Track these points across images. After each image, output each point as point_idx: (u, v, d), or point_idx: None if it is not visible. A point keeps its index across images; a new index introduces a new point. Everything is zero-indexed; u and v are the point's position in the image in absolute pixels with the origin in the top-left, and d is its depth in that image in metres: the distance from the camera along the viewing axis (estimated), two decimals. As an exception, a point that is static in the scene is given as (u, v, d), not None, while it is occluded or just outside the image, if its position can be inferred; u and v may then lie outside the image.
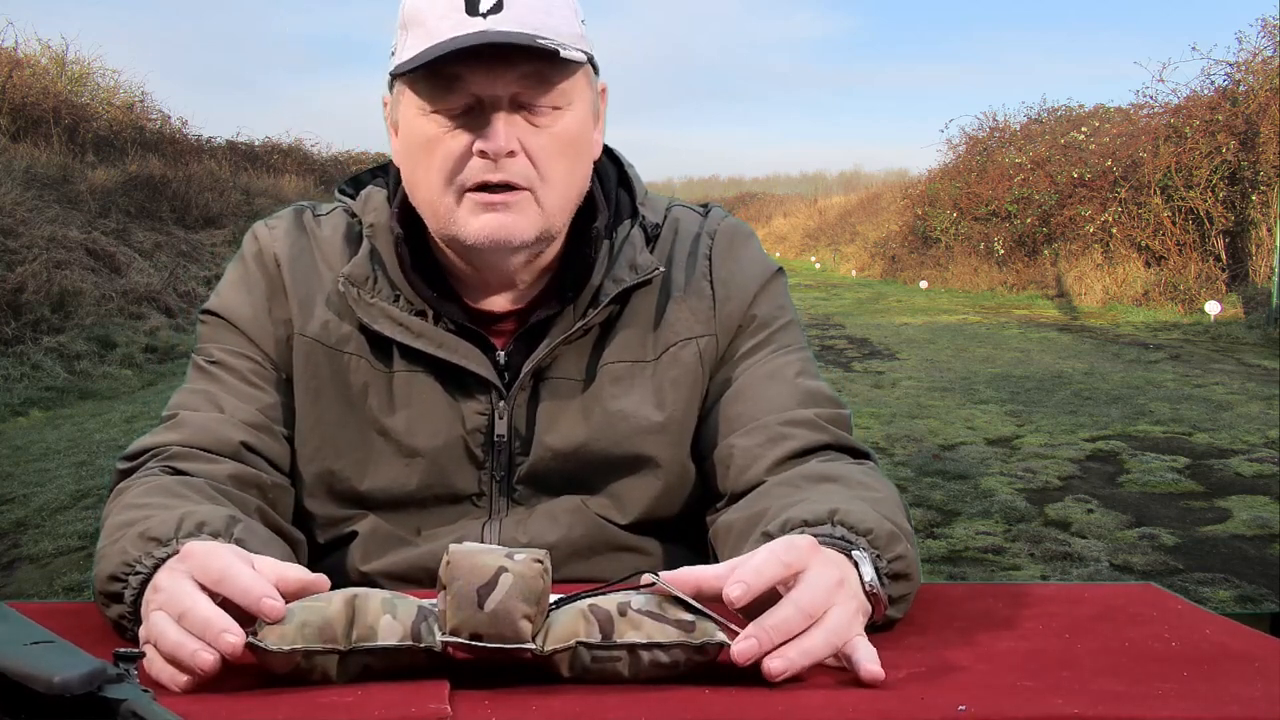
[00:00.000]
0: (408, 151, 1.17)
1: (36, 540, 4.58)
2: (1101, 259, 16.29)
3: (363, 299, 1.20)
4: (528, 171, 1.13)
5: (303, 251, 1.25)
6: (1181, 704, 0.81)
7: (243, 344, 1.24)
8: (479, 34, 1.08)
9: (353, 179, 1.31)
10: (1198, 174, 15.04)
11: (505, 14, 1.09)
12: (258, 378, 1.23)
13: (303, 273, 1.24)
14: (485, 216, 1.13)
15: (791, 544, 0.89)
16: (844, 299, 18.74)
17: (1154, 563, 4.17)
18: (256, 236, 1.28)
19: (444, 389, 1.20)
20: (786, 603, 0.86)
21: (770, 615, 0.85)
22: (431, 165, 1.14)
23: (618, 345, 1.22)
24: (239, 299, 1.25)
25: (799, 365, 1.25)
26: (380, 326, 1.19)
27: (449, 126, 1.12)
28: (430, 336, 1.19)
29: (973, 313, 15.45)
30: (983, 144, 22.44)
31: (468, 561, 0.83)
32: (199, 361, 1.25)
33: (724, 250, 1.27)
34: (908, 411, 7.40)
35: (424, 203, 1.17)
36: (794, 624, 0.85)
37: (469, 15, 1.09)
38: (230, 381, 1.22)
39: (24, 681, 0.64)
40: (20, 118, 14.35)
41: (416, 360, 1.20)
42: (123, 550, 0.97)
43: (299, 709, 0.79)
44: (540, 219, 1.15)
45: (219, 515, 1.00)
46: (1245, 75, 15.34)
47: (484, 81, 1.10)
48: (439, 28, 1.10)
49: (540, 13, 1.11)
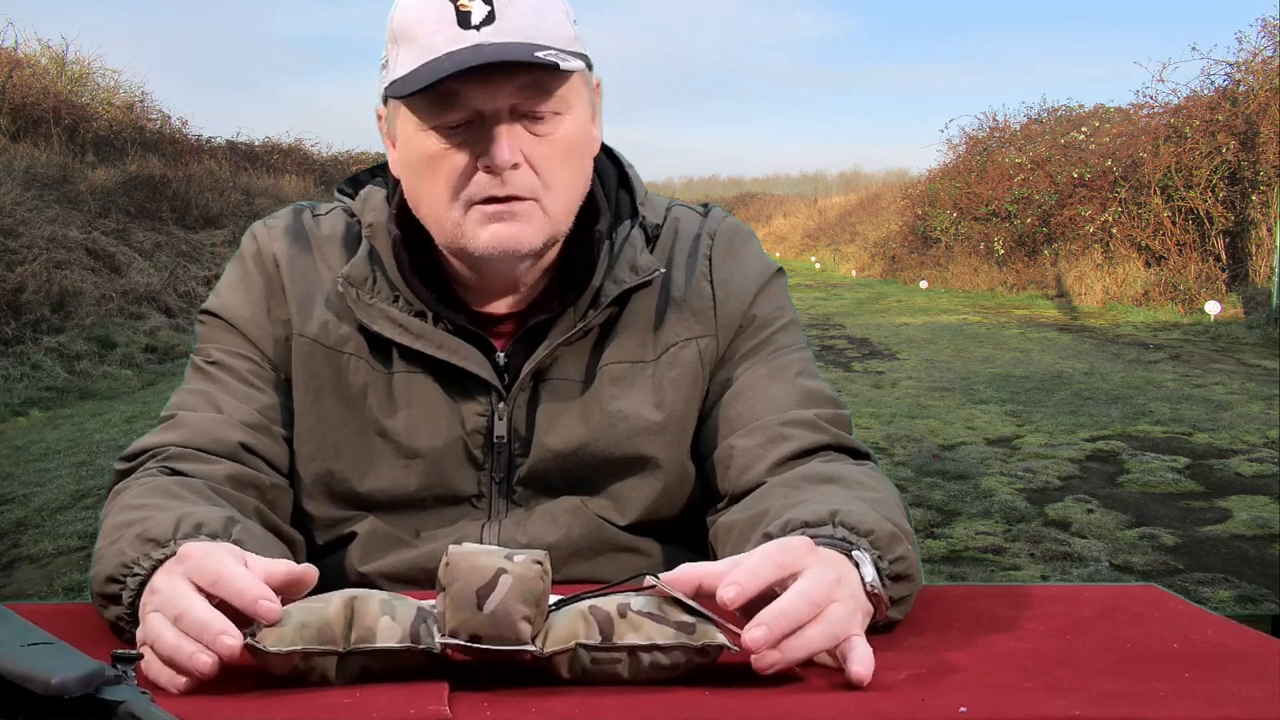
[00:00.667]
0: (409, 166, 1.16)
1: (36, 540, 4.58)
2: (1101, 259, 16.29)
3: (362, 299, 1.19)
4: (532, 182, 1.13)
5: (302, 251, 1.25)
6: (1181, 704, 0.81)
7: (241, 344, 1.23)
8: (475, 49, 1.07)
9: (351, 179, 1.31)
10: (1198, 174, 15.04)
11: (499, 25, 1.08)
12: (256, 378, 1.22)
13: (302, 273, 1.24)
14: (493, 227, 1.13)
15: (786, 545, 0.89)
16: (844, 299, 18.74)
17: (1154, 563, 4.17)
18: (255, 236, 1.27)
19: (443, 390, 1.20)
20: (793, 592, 0.86)
21: (779, 603, 0.85)
22: (435, 181, 1.13)
23: (617, 346, 1.22)
24: (238, 299, 1.25)
25: (799, 366, 1.25)
26: (379, 327, 1.19)
27: (450, 142, 1.12)
28: (430, 338, 1.19)
29: (973, 313, 15.45)
30: (983, 144, 22.45)
31: (467, 563, 0.83)
32: (197, 362, 1.25)
33: (724, 250, 1.27)
34: (908, 411, 7.40)
35: (429, 217, 1.17)
36: (802, 613, 0.85)
37: (462, 29, 1.08)
38: (229, 382, 1.21)
39: (22, 683, 0.64)
40: (20, 118, 14.36)
41: (416, 361, 1.20)
42: (120, 551, 0.97)
43: (297, 710, 0.79)
44: (546, 226, 1.15)
45: (217, 516, 1.00)
46: (1245, 75, 15.34)
47: (483, 96, 1.09)
48: (432, 43, 1.09)
49: (533, 19, 1.10)
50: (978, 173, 21.14)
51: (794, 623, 0.84)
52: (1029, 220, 18.42)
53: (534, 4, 1.11)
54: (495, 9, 1.09)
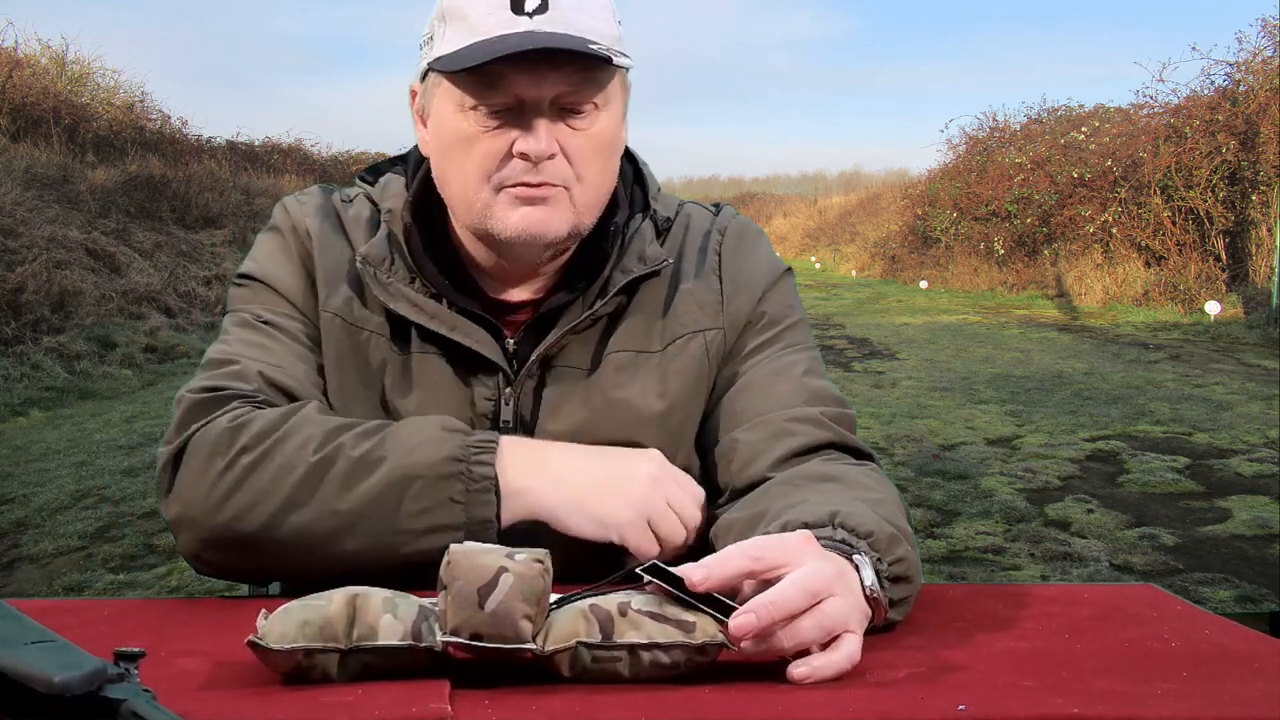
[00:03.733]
0: (441, 145, 1.17)
1: (36, 540, 4.58)
2: (1101, 259, 16.29)
3: (379, 279, 1.20)
4: (565, 171, 1.14)
5: (332, 229, 1.26)
6: (1181, 704, 0.81)
7: (288, 308, 1.23)
8: (528, 34, 1.08)
9: (371, 168, 1.32)
10: (1198, 174, 15.03)
11: (550, 14, 1.10)
12: (309, 339, 1.23)
13: (330, 249, 1.24)
14: (523, 210, 1.14)
15: (761, 543, 0.89)
16: (844, 299, 18.74)
17: (1154, 563, 4.17)
18: (288, 209, 1.28)
19: (455, 372, 1.21)
20: (787, 581, 0.85)
21: (771, 591, 0.85)
22: (468, 162, 1.14)
23: (624, 335, 1.23)
24: (279, 268, 1.25)
25: (806, 364, 1.25)
26: (396, 305, 1.19)
27: (489, 125, 1.12)
28: (443, 318, 1.20)
29: (973, 313, 15.45)
30: (983, 144, 22.45)
31: (468, 561, 0.83)
32: (245, 318, 1.23)
33: (733, 247, 1.29)
34: (908, 411, 7.40)
35: (456, 196, 1.18)
36: (795, 602, 0.84)
37: (515, 14, 1.09)
38: (285, 340, 1.21)
39: (24, 681, 0.64)
40: (20, 118, 14.35)
41: (430, 341, 1.21)
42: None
43: (299, 708, 0.79)
44: (573, 216, 1.16)
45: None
46: (1245, 75, 15.34)
47: (528, 83, 1.10)
48: (484, 24, 1.10)
49: (584, 14, 1.11)
50: (978, 173, 21.14)
51: (785, 612, 0.84)
52: (1029, 220, 18.42)
53: None
54: None
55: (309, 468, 1.06)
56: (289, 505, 1.06)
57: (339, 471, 1.06)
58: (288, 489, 1.06)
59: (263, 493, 1.06)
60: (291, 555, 1.07)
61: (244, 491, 1.06)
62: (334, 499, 1.05)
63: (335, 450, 1.07)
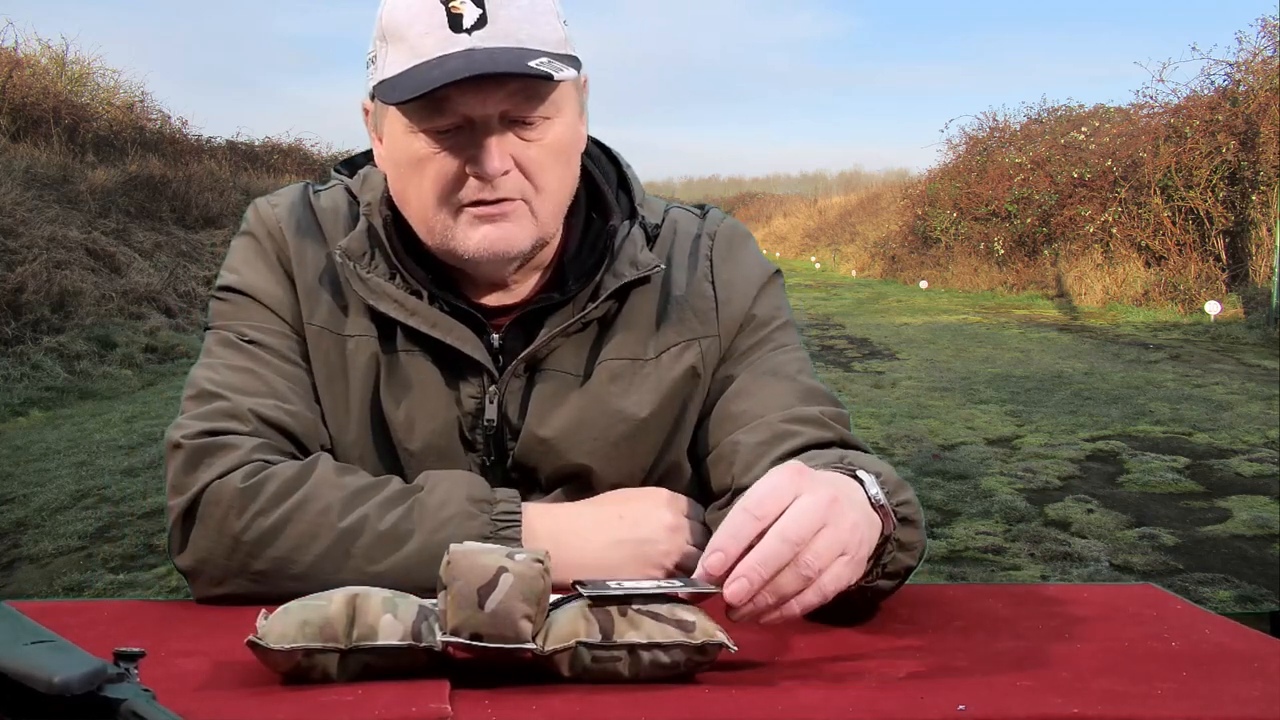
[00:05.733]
0: (395, 164, 1.16)
1: (36, 540, 4.58)
2: (1101, 259, 16.29)
3: (359, 273, 1.19)
4: (522, 185, 1.13)
5: (306, 228, 1.24)
6: (1181, 704, 0.81)
7: (273, 320, 1.21)
8: (467, 55, 1.06)
9: (347, 161, 1.31)
10: (1198, 174, 15.04)
11: (490, 28, 1.08)
12: (295, 354, 1.21)
13: (306, 253, 1.23)
14: (484, 229, 1.13)
15: (757, 496, 0.88)
16: (844, 299, 18.74)
17: (1154, 563, 4.17)
18: (260, 212, 1.26)
19: (439, 371, 1.20)
20: (770, 534, 0.85)
21: (756, 552, 0.84)
22: (423, 184, 1.13)
23: (617, 343, 1.22)
24: (257, 276, 1.23)
25: (798, 364, 1.25)
26: (377, 302, 1.18)
27: (439, 146, 1.11)
28: (424, 315, 1.19)
29: (973, 313, 15.45)
30: (983, 144, 22.45)
31: (468, 561, 0.83)
32: (229, 338, 1.20)
33: (724, 251, 1.28)
34: (908, 411, 7.40)
35: (417, 217, 1.16)
36: (782, 555, 0.84)
37: (453, 32, 1.07)
38: (273, 361, 1.19)
39: (24, 681, 0.64)
40: (20, 118, 14.36)
41: (414, 340, 1.20)
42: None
43: (299, 708, 0.79)
44: (535, 228, 1.15)
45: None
46: (1245, 75, 15.34)
47: (474, 103, 1.08)
48: (423, 44, 1.08)
49: (525, 24, 1.09)
50: (978, 173, 21.14)
51: (774, 568, 0.84)
52: (1029, 220, 18.42)
53: (525, 6, 1.10)
54: (487, 11, 1.08)
55: (335, 537, 1.06)
56: (315, 572, 1.05)
57: (365, 544, 1.06)
58: (312, 558, 1.06)
59: (285, 560, 1.06)
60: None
61: (264, 557, 1.06)
62: (362, 568, 1.05)
63: (360, 521, 1.07)
